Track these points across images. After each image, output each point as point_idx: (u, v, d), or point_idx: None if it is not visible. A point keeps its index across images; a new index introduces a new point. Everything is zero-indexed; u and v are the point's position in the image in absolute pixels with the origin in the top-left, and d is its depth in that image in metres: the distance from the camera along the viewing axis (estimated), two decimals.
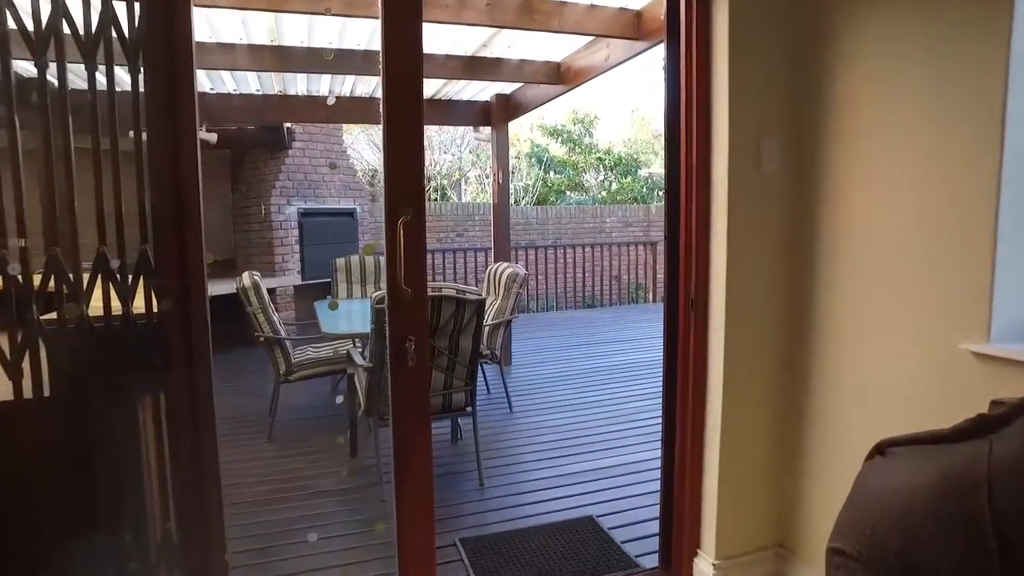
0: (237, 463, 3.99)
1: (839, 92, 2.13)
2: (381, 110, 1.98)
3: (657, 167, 25.27)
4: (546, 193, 15.31)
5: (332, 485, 3.70)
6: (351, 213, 8.06)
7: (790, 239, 2.33)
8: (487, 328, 4.85)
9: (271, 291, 7.24)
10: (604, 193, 15.49)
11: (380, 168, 16.14)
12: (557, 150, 16.39)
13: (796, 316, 2.34)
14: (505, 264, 5.08)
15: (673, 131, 2.43)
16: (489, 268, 5.25)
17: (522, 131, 18.84)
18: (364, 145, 16.16)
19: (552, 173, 15.47)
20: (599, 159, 15.97)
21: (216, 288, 6.95)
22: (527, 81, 5.12)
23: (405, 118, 1.98)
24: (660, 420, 2.65)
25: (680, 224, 2.43)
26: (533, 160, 14.80)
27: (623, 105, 35.83)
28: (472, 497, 3.54)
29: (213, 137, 5.93)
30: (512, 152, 15.68)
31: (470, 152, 15.40)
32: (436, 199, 14.45)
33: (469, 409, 3.74)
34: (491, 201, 6.37)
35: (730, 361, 2.30)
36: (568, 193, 15.47)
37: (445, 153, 15.00)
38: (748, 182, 2.26)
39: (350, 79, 5.45)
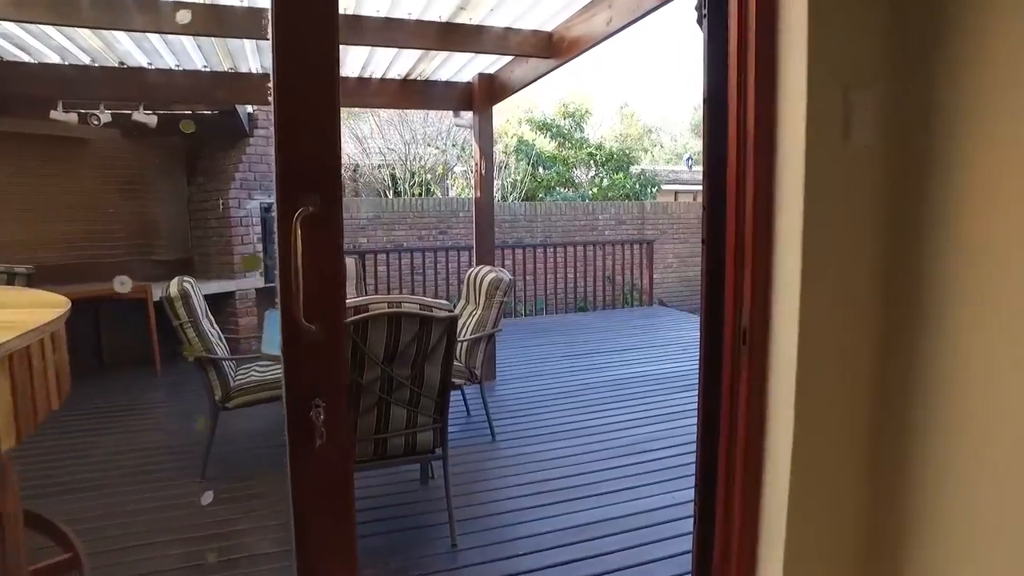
0: (154, 510, 3.22)
1: (975, 23, 1.39)
2: (270, 31, 1.24)
3: (648, 163, 24.59)
4: (535, 189, 14.57)
5: (273, 546, 2.93)
6: None
7: (893, 243, 1.59)
8: (464, 343, 4.10)
9: (227, 296, 6.46)
10: (595, 189, 14.76)
11: (362, 162, 15.35)
12: (546, 145, 15.65)
13: (902, 360, 1.60)
14: (487, 268, 4.33)
15: (717, 92, 1.68)
16: (468, 272, 4.50)
17: (510, 125, 18.10)
18: (344, 139, 15.33)
19: (541, 169, 14.72)
20: (590, 154, 15.25)
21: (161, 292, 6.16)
22: (513, 53, 4.36)
23: (305, 49, 1.23)
24: (676, 452, 1.92)
25: (726, 223, 1.68)
26: (521, 155, 14.03)
27: (613, 100, 35.15)
28: (442, 564, 2.79)
29: (152, 120, 5.13)
30: (499, 147, 14.93)
31: (454, 146, 14.63)
32: (419, 194, 13.66)
33: (439, 451, 2.99)
34: (473, 195, 5.61)
35: (803, 420, 1.56)
36: (558, 189, 14.72)
37: (429, 146, 14.20)
38: (831, 160, 1.52)
39: None
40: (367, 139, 15.23)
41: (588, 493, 3.38)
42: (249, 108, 6.64)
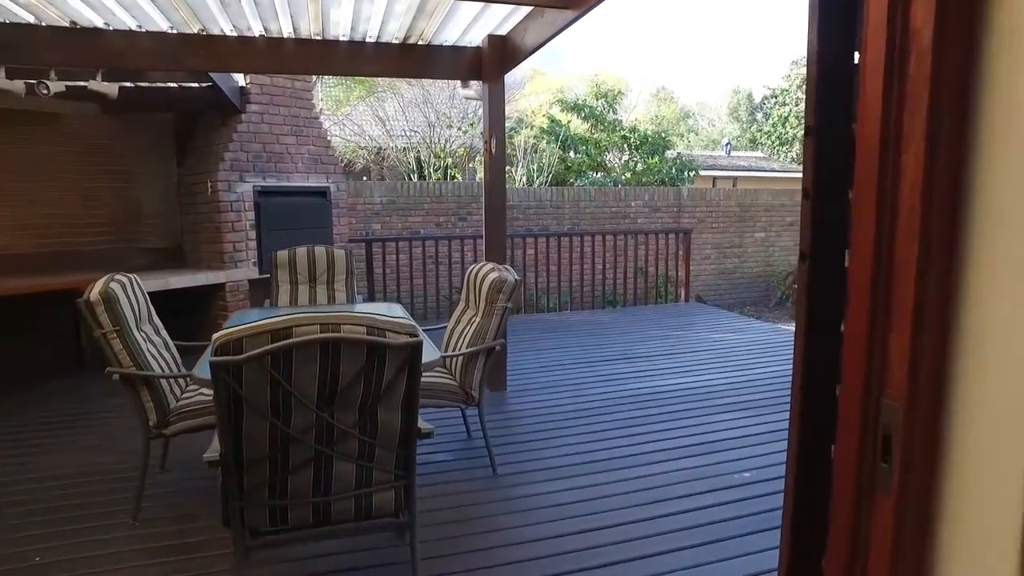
0: (61, 566, 2.53)
1: None
2: None
3: (684, 149, 23.39)
4: (565, 173, 13.68)
5: None
6: (323, 192, 6.56)
7: None
8: (460, 359, 3.33)
9: (216, 288, 5.79)
10: (628, 174, 13.81)
11: (386, 144, 14.60)
12: (578, 126, 14.72)
13: None
14: (489, 266, 3.53)
15: (836, 29, 0.85)
16: (469, 271, 3.71)
17: (541, 108, 17.19)
18: (367, 119, 14.64)
19: (572, 152, 13.81)
20: (623, 137, 14.27)
21: (151, 283, 5.51)
22: (525, 2, 3.53)
23: None
24: (720, 501, 1.13)
25: (854, 229, 0.86)
26: (551, 136, 13.13)
27: (648, 83, 33.77)
28: None
29: (112, 90, 4.44)
30: (528, 131, 14.05)
31: (471, 126, 13.79)
32: (441, 178, 12.89)
33: (404, 515, 2.22)
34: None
35: None
36: (589, 173, 13.81)
37: (451, 127, 13.39)
38: None
39: (285, 12, 3.92)
40: (390, 120, 14.51)
41: (606, 560, 2.59)
42: (242, 80, 5.93)
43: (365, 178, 16.34)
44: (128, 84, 5.58)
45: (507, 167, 13.35)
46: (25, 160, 5.38)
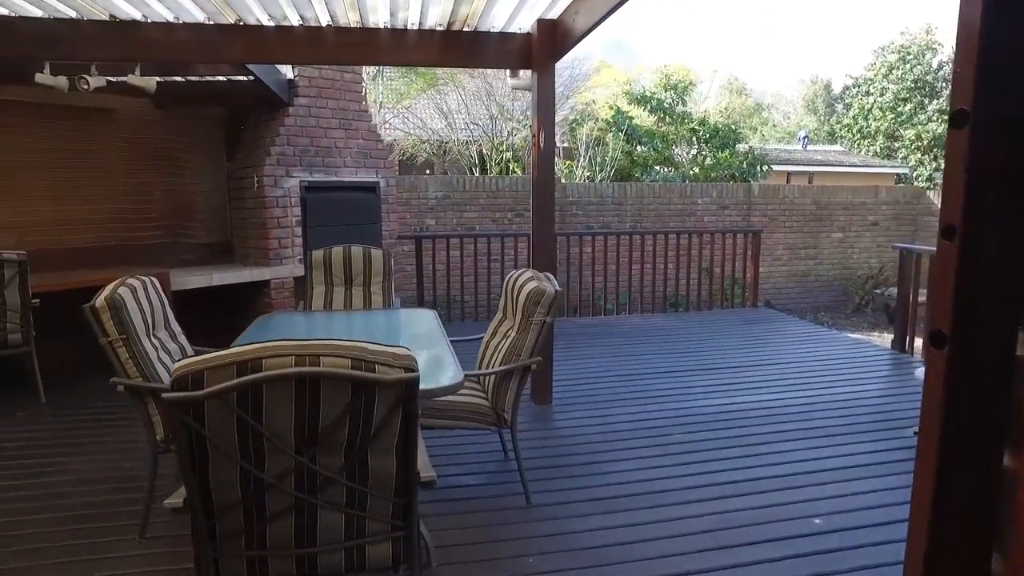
0: None
1: None
2: None
3: (757, 142, 22.26)
4: (630, 168, 13.13)
5: None
6: (372, 188, 6.33)
7: None
8: (492, 378, 2.99)
9: (261, 285, 5.65)
10: (696, 169, 13.14)
11: (448, 138, 14.38)
12: (645, 119, 14.12)
13: None
14: (528, 274, 3.17)
15: None
16: (507, 278, 3.36)
17: (608, 99, 16.62)
18: (429, 112, 14.46)
19: (638, 146, 13.24)
20: (692, 130, 13.58)
21: (195, 279, 5.42)
22: None
23: None
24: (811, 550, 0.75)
25: None
26: (615, 129, 12.60)
27: (720, 74, 32.40)
28: None
29: (151, 84, 4.30)
30: (595, 125, 13.55)
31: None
32: (498, 173, 12.57)
33: (404, 571, 1.90)
34: (530, 175, 4.45)
35: None
36: (656, 168, 13.20)
37: (511, 120, 13.05)
38: None
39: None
40: (452, 113, 14.29)
41: None
42: (289, 73, 5.76)
43: (428, 171, 16.23)
44: (178, 79, 5.50)
45: (568, 161, 12.93)
46: (77, 155, 5.36)
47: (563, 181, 9.91)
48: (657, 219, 9.55)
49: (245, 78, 5.46)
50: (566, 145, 13.48)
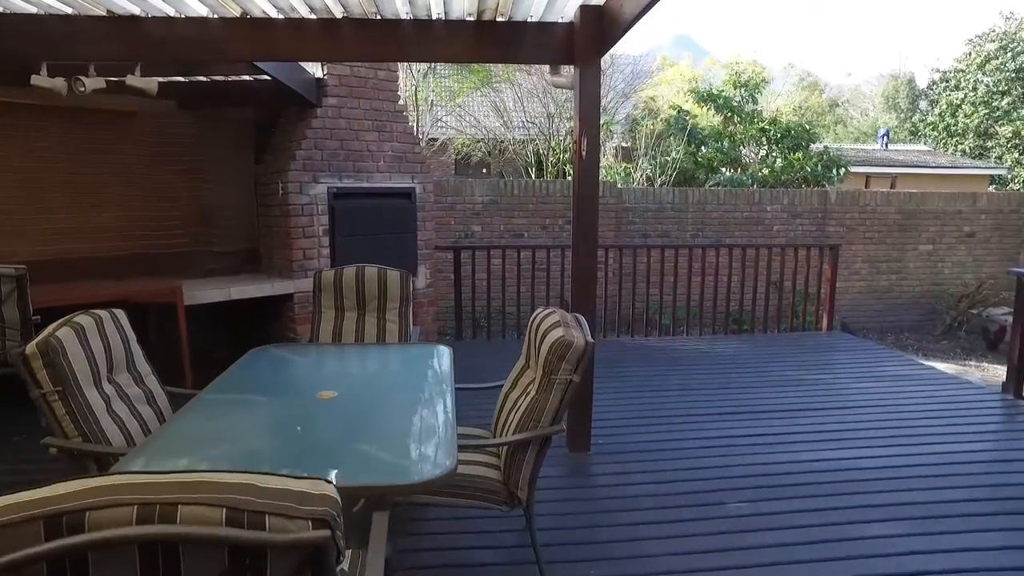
0: None
1: None
2: None
3: (831, 142, 20.75)
4: (694, 169, 12.26)
5: None
6: (408, 194, 5.83)
7: None
8: (505, 449, 2.41)
9: (285, 299, 5.23)
10: (766, 171, 12.15)
11: (504, 136, 13.81)
12: (710, 119, 13.20)
13: None
14: (556, 316, 2.55)
15: None
16: (533, 316, 2.74)
17: (674, 96, 15.73)
18: (482, 108, 13.93)
19: (703, 147, 12.34)
20: (762, 130, 12.58)
21: (211, 293, 5.03)
22: None
23: None
24: None
25: None
26: (675, 129, 11.77)
27: (792, 71, 30.65)
28: None
29: (152, 85, 3.88)
30: (654, 124, 12.72)
31: (603, 125, 12.64)
32: (553, 175, 11.93)
33: None
34: (572, 185, 3.83)
35: None
36: (722, 170, 12.28)
37: (569, 119, 12.35)
38: None
39: None
40: (508, 112, 13.71)
41: None
42: (319, 72, 5.31)
43: (484, 171, 15.72)
44: (202, 78, 5.13)
45: (626, 164, 12.16)
46: (97, 160, 5.06)
47: (620, 185, 9.20)
48: (721, 228, 8.72)
49: (269, 77, 5.05)
50: (627, 145, 12.72)
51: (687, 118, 12.18)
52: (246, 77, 5.12)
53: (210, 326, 5.26)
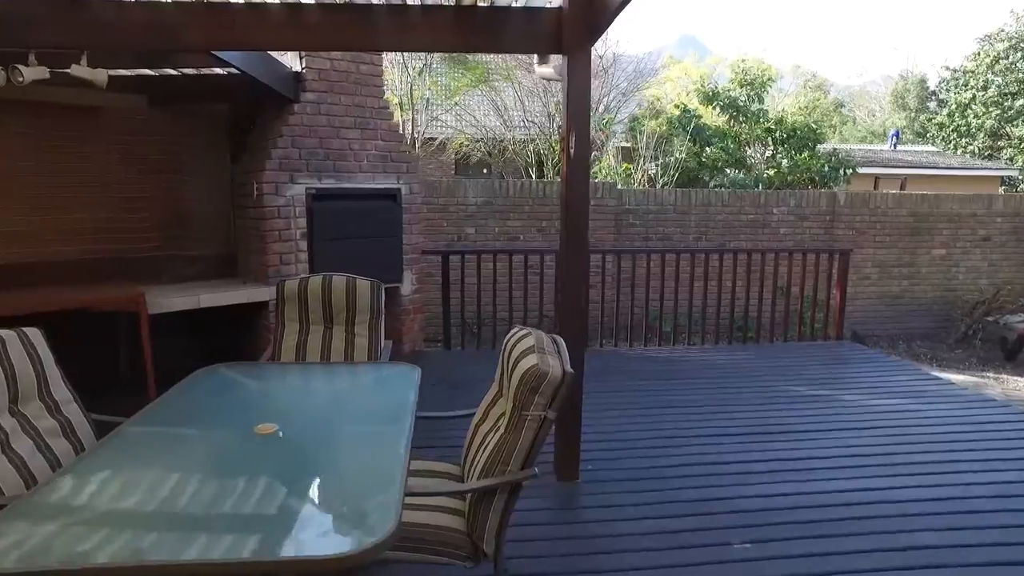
0: None
1: None
2: None
3: (838, 142, 20.30)
4: (698, 170, 11.88)
5: None
6: (392, 195, 5.48)
7: None
8: (470, 497, 2.06)
9: (259, 307, 4.88)
10: (772, 172, 11.76)
11: (504, 136, 13.44)
12: (715, 118, 12.82)
13: None
14: (531, 339, 2.19)
15: None
16: (508, 336, 2.38)
17: (679, 95, 15.34)
18: (481, 106, 13.59)
19: (709, 147, 11.96)
20: (768, 130, 12.20)
21: (179, 300, 4.68)
22: None
23: None
24: None
25: None
26: (678, 129, 11.40)
27: (797, 68, 30.15)
28: None
29: (101, 76, 3.53)
30: (658, 123, 12.33)
31: (604, 123, 12.27)
32: (554, 175, 11.56)
33: None
34: (560, 185, 3.47)
35: None
36: (728, 171, 11.90)
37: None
38: None
39: None
40: (509, 111, 13.35)
41: None
42: (297, 65, 4.97)
43: (485, 171, 15.37)
44: (172, 71, 4.79)
45: (627, 164, 11.77)
46: (61, 158, 4.73)
47: (620, 186, 8.83)
48: (726, 230, 8.34)
49: (239, 71, 4.69)
50: (627, 145, 12.35)
51: (692, 116, 11.79)
52: (219, 71, 4.78)
53: (183, 336, 4.93)
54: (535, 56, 3.65)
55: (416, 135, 11.44)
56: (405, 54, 10.75)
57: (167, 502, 1.68)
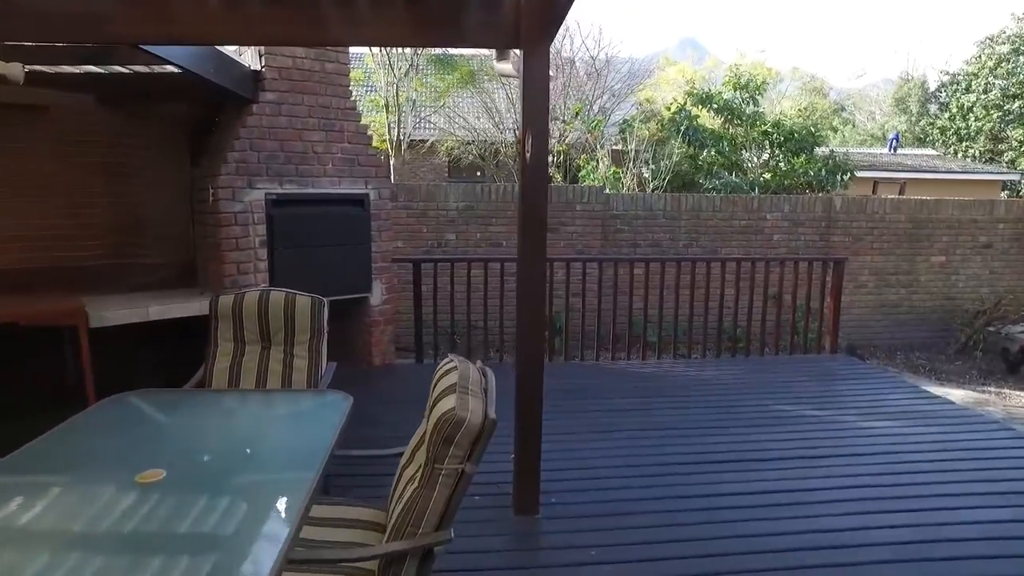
0: None
1: None
2: None
3: (837, 145, 19.93)
4: (693, 173, 11.55)
5: None
6: (360, 201, 5.17)
7: None
8: (379, 563, 1.74)
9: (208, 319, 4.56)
10: (768, 175, 11.44)
11: (496, 139, 13.11)
12: (710, 121, 12.49)
13: None
14: (452, 375, 1.87)
15: None
16: (438, 367, 2.07)
17: (674, 100, 15.00)
18: (473, 109, 13.27)
19: (703, 150, 11.63)
20: (764, 133, 11.87)
21: (123, 313, 4.36)
22: None
23: None
24: None
25: None
26: (671, 132, 11.07)
27: (796, 71, 29.78)
28: None
29: (16, 73, 3.23)
30: (650, 127, 12.01)
31: (593, 126, 11.94)
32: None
33: None
34: (518, 187, 3.14)
35: None
36: (724, 174, 11.57)
37: (556, 119, 11.71)
38: None
39: None
40: (500, 113, 13.04)
41: None
42: (256, 64, 4.67)
43: (479, 174, 15.06)
44: (122, 69, 4.48)
45: (616, 168, 11.42)
46: (6, 161, 4.43)
47: (607, 191, 8.52)
48: (717, 237, 8.02)
49: (180, 69, 4.38)
50: (618, 148, 12.03)
51: (686, 117, 11.45)
52: (171, 69, 4.48)
53: (138, 348, 4.63)
54: (495, 52, 3.35)
55: (402, 137, 11.13)
56: (390, 55, 10.45)
57: None
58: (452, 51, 11.56)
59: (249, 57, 4.77)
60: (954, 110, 19.65)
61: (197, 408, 2.46)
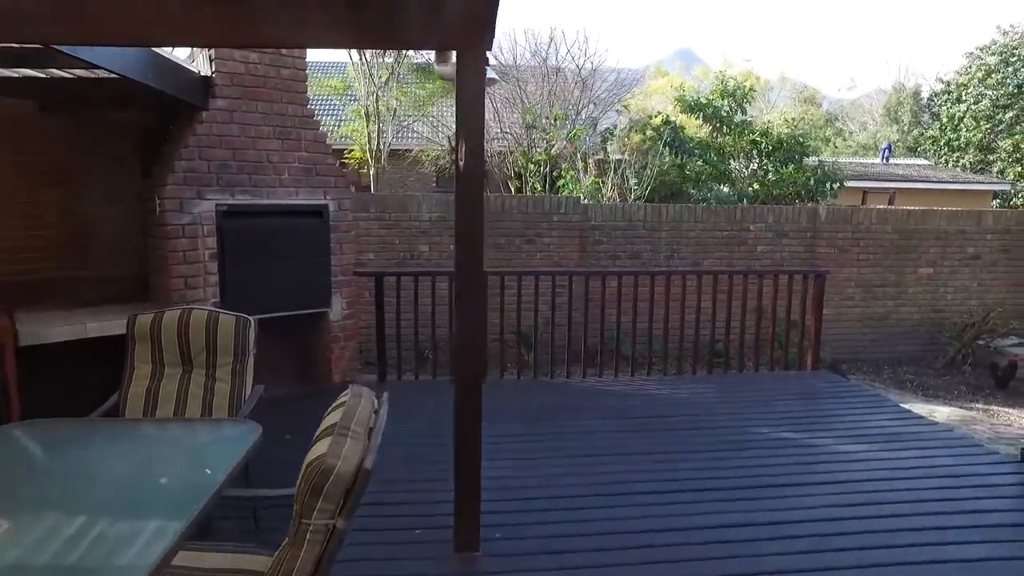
0: None
1: None
2: None
3: (828, 156, 19.79)
4: (681, 183, 11.35)
5: None
6: (319, 212, 4.95)
7: None
8: None
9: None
10: (756, 185, 11.24)
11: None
12: (698, 130, 12.30)
13: None
14: (336, 413, 1.64)
15: None
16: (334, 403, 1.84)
17: (665, 108, 14.85)
18: (437, 125, 13.06)
19: (695, 159, 11.42)
20: (753, 142, 11.67)
21: (62, 330, 4.11)
22: None
23: None
24: None
25: None
26: (655, 141, 10.88)
27: (789, 81, 29.71)
28: None
29: None
30: (637, 137, 11.82)
31: (571, 135, 11.73)
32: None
33: None
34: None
35: None
36: (712, 184, 11.37)
37: (532, 128, 11.53)
38: None
39: None
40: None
41: None
42: (207, 69, 4.46)
43: None
44: (65, 74, 4.27)
45: (596, 177, 11.19)
46: None
47: (585, 201, 8.31)
48: (699, 248, 7.81)
49: (118, 75, 4.15)
50: (600, 157, 11.83)
51: (672, 127, 11.25)
52: (116, 74, 4.26)
53: (81, 367, 4.38)
54: (434, 50, 3.14)
55: (382, 147, 10.93)
56: (369, 64, 10.26)
57: None
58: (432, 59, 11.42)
59: (200, 63, 4.56)
60: (945, 120, 19.54)
61: (82, 442, 2.22)
